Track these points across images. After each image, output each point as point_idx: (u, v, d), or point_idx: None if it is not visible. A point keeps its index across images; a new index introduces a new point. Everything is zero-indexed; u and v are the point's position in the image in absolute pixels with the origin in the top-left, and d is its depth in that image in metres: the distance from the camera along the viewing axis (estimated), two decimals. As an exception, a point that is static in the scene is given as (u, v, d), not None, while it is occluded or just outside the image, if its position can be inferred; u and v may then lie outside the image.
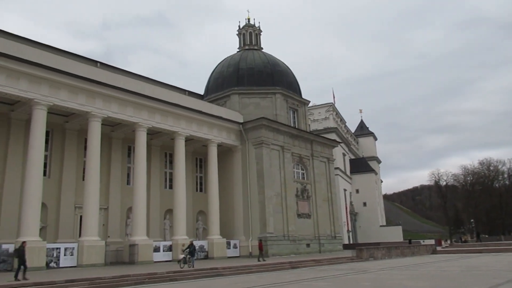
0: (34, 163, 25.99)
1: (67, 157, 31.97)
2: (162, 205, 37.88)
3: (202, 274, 21.70)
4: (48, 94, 27.02)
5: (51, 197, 30.30)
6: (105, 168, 32.91)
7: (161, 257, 32.14)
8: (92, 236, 27.96)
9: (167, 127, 34.63)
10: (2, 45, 25.24)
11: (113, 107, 30.66)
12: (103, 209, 33.09)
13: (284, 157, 42.07)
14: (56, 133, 31.88)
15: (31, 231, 25.13)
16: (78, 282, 17.49)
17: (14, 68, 25.30)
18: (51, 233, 30.14)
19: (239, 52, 50.36)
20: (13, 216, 27.82)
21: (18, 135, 29.35)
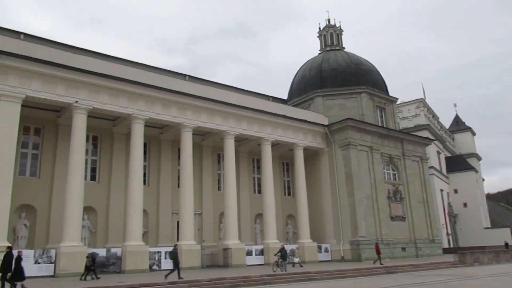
0: (135, 173, 28.20)
1: (163, 166, 34.21)
2: (252, 210, 38.74)
3: (295, 278, 21.74)
4: (145, 108, 29.18)
5: (150, 204, 32.57)
6: (197, 175, 34.61)
7: (253, 261, 32.83)
8: (189, 240, 29.47)
9: (253, 133, 35.41)
10: (104, 66, 27.85)
11: (203, 117, 32.15)
12: (198, 214, 34.75)
13: (373, 158, 40.69)
14: (153, 144, 34.28)
15: (135, 236, 27.23)
16: (178, 284, 18.51)
17: (115, 87, 27.80)
18: (152, 237, 32.36)
19: (320, 53, 49.93)
20: (119, 223, 30.45)
21: (120, 148, 32.08)
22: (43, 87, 25.31)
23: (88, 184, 28.67)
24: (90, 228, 29.66)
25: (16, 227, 26.63)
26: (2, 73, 23.82)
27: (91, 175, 30.83)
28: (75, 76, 26.20)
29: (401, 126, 62.71)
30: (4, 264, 15.90)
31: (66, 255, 23.91)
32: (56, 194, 28.14)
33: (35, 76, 25.01)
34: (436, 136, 72.21)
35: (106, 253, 26.49)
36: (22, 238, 26.80)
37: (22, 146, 28.30)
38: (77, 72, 26.21)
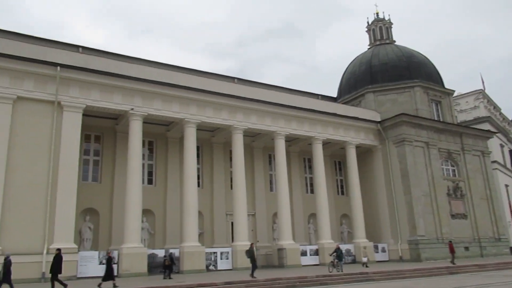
0: (189, 176, 28.96)
1: (216, 168, 34.87)
2: (305, 210, 38.52)
3: (352, 279, 21.37)
4: (196, 113, 29.90)
5: (205, 206, 33.29)
6: (249, 176, 34.92)
7: (308, 261, 32.61)
8: (243, 241, 29.77)
9: (304, 132, 35.19)
10: (156, 74, 28.87)
11: (253, 118, 32.41)
12: (251, 215, 35.05)
13: (429, 153, 39.10)
14: (205, 147, 35.04)
15: (191, 237, 27.94)
16: (235, 284, 18.78)
17: (168, 93, 28.72)
18: (208, 238, 33.05)
19: (370, 49, 48.73)
20: (176, 224, 31.41)
21: (174, 152, 33.09)
22: (101, 96, 26.65)
23: (145, 187, 29.80)
24: (149, 230, 30.80)
25: (81, 229, 28.20)
26: (64, 85, 25.35)
27: (148, 179, 32.01)
28: (130, 85, 27.36)
29: (459, 120, 59.65)
30: (54, 266, 16.87)
31: (127, 256, 24.99)
32: (117, 198, 29.50)
33: (93, 86, 26.39)
34: (499, 129, 68.03)
35: (165, 254, 27.35)
36: (87, 240, 28.33)
37: (84, 153, 29.95)
38: (132, 81, 27.35)
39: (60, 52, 26.29)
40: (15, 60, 23.95)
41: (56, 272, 16.75)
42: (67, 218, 23.81)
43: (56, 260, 16.96)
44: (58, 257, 17.08)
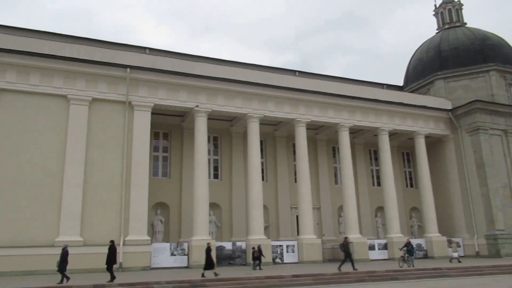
0: (253, 170, 29.30)
1: (279, 162, 34.97)
2: (371, 203, 37.51)
3: (424, 274, 20.48)
4: (259, 107, 30.13)
5: (270, 199, 33.55)
6: (313, 169, 34.66)
7: (376, 255, 31.76)
8: (309, 234, 29.66)
9: (369, 123, 34.17)
10: (219, 71, 29.45)
11: (315, 111, 32.03)
12: (316, 208, 34.77)
13: (508, 142, 36.31)
14: (268, 141, 35.25)
15: (257, 230, 28.29)
16: (302, 277, 18.74)
17: (231, 89, 29.21)
18: (273, 231, 33.31)
19: (438, 33, 46.06)
20: (242, 217, 32.02)
21: (238, 146, 33.66)
22: (168, 95, 27.73)
23: (211, 182, 30.62)
24: (216, 223, 31.66)
25: (153, 222, 29.64)
26: (133, 86, 26.68)
27: (214, 173, 32.88)
28: (195, 82, 28.17)
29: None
30: (109, 257, 17.63)
31: (197, 248, 25.87)
32: (185, 192, 30.64)
33: (160, 85, 27.51)
34: None
35: (232, 246, 28.02)
36: (159, 232, 29.72)
37: (154, 150, 31.39)
38: (197, 79, 28.15)
39: (129, 55, 27.68)
40: (90, 64, 25.61)
41: (111, 262, 17.55)
42: (140, 212, 25.15)
43: (111, 251, 17.81)
44: (112, 248, 17.90)
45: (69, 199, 23.77)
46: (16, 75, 24.29)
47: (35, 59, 24.47)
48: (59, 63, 24.95)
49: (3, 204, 22.58)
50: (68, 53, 25.57)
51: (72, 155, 24.44)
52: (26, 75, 24.48)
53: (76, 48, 26.22)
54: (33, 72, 24.61)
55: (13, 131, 23.70)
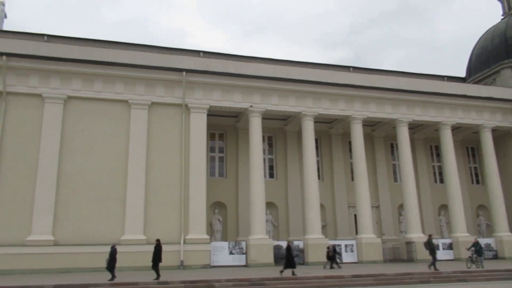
0: (309, 169, 29.04)
1: (335, 160, 34.39)
2: (434, 201, 35.86)
3: (495, 276, 19.28)
4: (313, 105, 29.82)
5: (326, 198, 33.10)
6: (371, 167, 33.78)
7: (441, 255, 30.12)
8: (368, 233, 28.92)
9: (429, 118, 32.68)
10: (272, 70, 29.45)
11: (371, 107, 31.18)
12: (374, 207, 33.81)
13: None
14: (323, 139, 34.78)
15: (315, 229, 28.01)
16: (363, 278, 18.30)
17: (284, 88, 29.12)
18: (331, 231, 32.81)
19: (503, 19, 43.14)
20: (298, 217, 31.88)
21: (293, 145, 33.52)
22: (222, 96, 28.19)
23: (267, 181, 30.77)
24: (273, 222, 31.73)
25: (212, 221, 30.27)
26: (189, 89, 27.39)
27: (269, 173, 32.98)
28: (249, 83, 28.41)
29: None
30: (155, 255, 18.02)
31: (254, 247, 26.10)
32: (242, 192, 31.01)
33: (215, 87, 28.03)
34: None
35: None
36: (217, 231, 30.30)
37: (210, 150, 32.05)
38: (250, 79, 28.37)
39: (184, 58, 28.43)
40: (148, 69, 26.64)
41: (156, 261, 17.94)
42: (199, 211, 25.78)
43: (157, 250, 18.24)
44: (158, 247, 18.32)
45: (133, 199, 24.88)
46: (81, 83, 25.80)
47: (99, 67, 25.83)
48: (120, 69, 26.18)
49: (74, 205, 24.09)
50: (128, 59, 26.75)
51: (134, 157, 25.56)
52: (90, 82, 25.93)
53: (134, 54, 27.36)
54: (96, 79, 26.02)
55: (80, 136, 25.20)
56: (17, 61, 24.67)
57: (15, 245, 22.65)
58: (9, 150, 23.91)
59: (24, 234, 23.02)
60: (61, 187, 24.16)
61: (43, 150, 24.29)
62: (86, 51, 26.45)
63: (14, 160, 23.86)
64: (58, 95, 25.24)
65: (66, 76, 25.53)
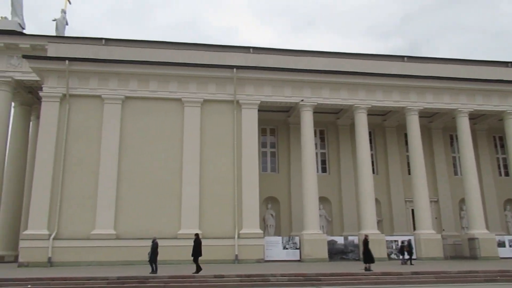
0: (363, 163, 28.38)
1: (390, 154, 33.38)
2: (499, 195, 33.83)
3: None
4: (365, 97, 29.08)
5: (381, 193, 32.22)
6: (428, 160, 32.45)
7: (508, 253, 28.62)
8: (426, 229, 27.85)
9: (492, 107, 30.79)
10: (322, 63, 29.04)
11: (428, 97, 29.87)
12: (433, 201, 32.50)
13: None
14: (377, 132, 33.87)
15: (370, 224, 27.38)
16: (423, 275, 17.64)
17: (335, 81, 28.62)
18: (387, 226, 31.93)
19: None
20: (352, 212, 31.32)
21: (345, 139, 32.91)
22: (273, 91, 28.18)
23: (320, 176, 30.43)
24: (327, 217, 31.39)
25: (265, 216, 30.46)
26: (240, 85, 27.60)
27: (322, 167, 32.63)
28: (299, 77, 28.18)
29: None
30: (194, 249, 18.26)
31: (308, 242, 25.97)
32: (294, 186, 30.94)
33: (265, 83, 28.07)
34: None
35: (344, 241, 27.54)
36: (271, 226, 30.46)
37: (262, 146, 32.24)
38: (301, 73, 28.14)
39: (235, 55, 28.71)
40: (200, 68, 27.16)
41: (196, 255, 18.22)
42: (252, 206, 26.02)
43: (196, 244, 18.50)
44: (197, 241, 18.61)
45: (188, 195, 25.58)
46: (137, 83, 26.82)
47: (154, 67, 26.71)
48: (173, 69, 26.92)
49: (133, 200, 25.17)
50: (181, 59, 27.44)
51: (188, 153, 26.24)
52: (146, 82, 26.88)
53: (187, 54, 28.01)
54: (151, 79, 26.94)
55: (137, 134, 26.25)
56: (79, 65, 26.06)
57: (81, 238, 24.08)
58: (73, 149, 25.36)
59: (89, 228, 24.40)
60: (120, 183, 25.34)
61: (104, 148, 25.55)
62: (141, 52, 27.45)
63: (78, 159, 25.29)
64: (116, 96, 26.41)
65: (123, 77, 26.64)
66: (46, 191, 24.46)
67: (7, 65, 30.48)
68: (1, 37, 30.20)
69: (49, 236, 23.77)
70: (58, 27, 36.26)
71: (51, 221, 24.17)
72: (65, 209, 24.48)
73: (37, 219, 24.09)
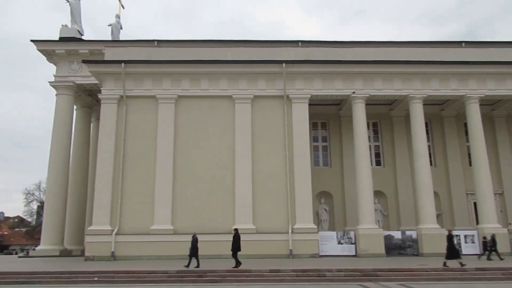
0: (419, 155, 27.34)
1: (449, 145, 31.92)
2: None
3: None
4: (421, 87, 27.93)
5: (440, 186, 30.89)
6: (491, 150, 30.78)
7: None
8: (491, 223, 26.38)
9: None
10: (373, 53, 28.21)
11: (490, 84, 28.16)
12: (498, 194, 30.74)
13: None
14: (434, 122, 32.47)
15: (429, 218, 26.37)
16: (489, 271, 16.75)
17: (388, 71, 27.68)
18: (447, 220, 30.61)
19: None
20: (409, 205, 30.32)
21: (400, 131, 31.87)
22: (323, 84, 27.79)
23: (374, 169, 29.66)
24: (382, 212, 30.59)
25: (318, 211, 30.22)
26: (289, 80, 27.45)
27: (376, 160, 31.83)
28: (350, 69, 27.58)
29: None
30: (233, 244, 18.28)
31: (364, 237, 25.46)
32: (347, 180, 30.43)
33: (315, 76, 27.74)
34: None
35: (401, 235, 26.74)
36: (324, 221, 30.18)
37: (313, 140, 31.94)
38: (352, 65, 27.53)
39: (283, 50, 28.58)
40: (249, 64, 27.34)
41: (235, 250, 18.26)
42: (305, 201, 25.88)
43: (235, 239, 18.54)
44: (236, 236, 18.64)
45: (241, 190, 25.89)
46: (189, 82, 27.46)
47: (204, 66, 27.23)
48: (223, 66, 27.29)
49: (189, 196, 25.86)
50: (230, 56, 27.75)
51: (240, 149, 26.53)
52: (197, 81, 27.46)
53: (235, 51, 28.27)
54: (203, 78, 27.47)
55: (190, 132, 26.90)
56: (133, 67, 27.10)
57: (141, 233, 25.10)
58: (131, 148, 26.45)
59: (148, 223, 25.38)
60: (176, 180, 26.10)
61: (159, 146, 26.44)
62: (192, 52, 28.06)
63: (135, 157, 26.34)
64: (170, 95, 27.19)
65: (176, 77, 27.38)
66: (108, 188, 25.71)
67: (68, 71, 32.46)
68: (62, 44, 32.16)
69: (111, 231, 25.00)
70: (113, 32, 37.92)
71: (113, 217, 25.40)
72: (126, 206, 25.63)
73: (100, 215, 25.42)
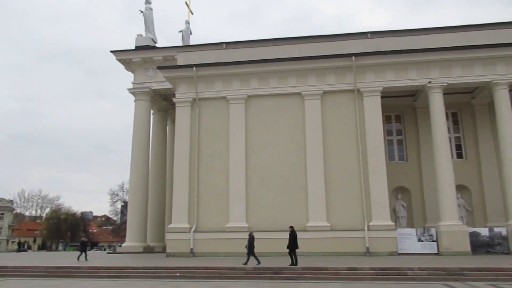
0: (508, 145, 25.22)
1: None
2: None
3: None
4: (506, 71, 25.79)
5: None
6: None
7: None
8: None
9: None
10: (452, 39, 26.53)
11: None
12: None
13: None
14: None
15: (520, 214, 24.31)
16: None
17: (468, 57, 25.85)
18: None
19: None
20: (496, 200, 28.21)
21: (483, 120, 29.86)
22: (396, 76, 26.68)
23: (455, 162, 27.86)
24: (466, 207, 28.76)
25: (395, 207, 29.12)
26: (360, 73, 26.66)
27: (457, 153, 29.99)
28: (424, 57, 26.18)
29: None
30: (290, 242, 18.01)
31: (447, 234, 24.07)
32: (426, 175, 29.01)
33: (387, 67, 26.68)
34: None
35: (489, 232, 24.93)
36: (402, 217, 29.00)
37: (387, 133, 30.82)
38: (426, 53, 26.08)
39: (352, 43, 27.86)
40: (318, 59, 26.96)
41: (292, 247, 17.96)
42: (381, 197, 25.03)
43: (292, 236, 18.26)
44: (292, 233, 18.37)
45: (313, 188, 25.65)
46: (258, 81, 27.76)
47: (272, 64, 27.34)
48: (291, 64, 27.22)
49: (262, 194, 26.14)
50: (297, 53, 27.60)
51: (311, 146, 26.29)
52: (266, 80, 27.68)
53: (302, 47, 28.06)
54: (271, 76, 27.63)
55: (261, 130, 27.18)
56: (204, 70, 27.96)
57: (217, 231, 25.85)
58: (205, 148, 27.34)
59: (224, 221, 26.07)
60: (249, 178, 26.52)
61: (232, 146, 27.04)
62: (259, 51, 28.32)
63: (209, 157, 27.19)
64: (240, 96, 27.69)
65: (245, 77, 27.82)
66: (185, 188, 26.81)
67: (145, 77, 34.37)
68: (138, 53, 34.12)
69: (189, 229, 26.04)
70: (184, 37, 39.48)
71: (190, 216, 26.44)
72: (202, 204, 26.55)
73: (179, 213, 26.59)
